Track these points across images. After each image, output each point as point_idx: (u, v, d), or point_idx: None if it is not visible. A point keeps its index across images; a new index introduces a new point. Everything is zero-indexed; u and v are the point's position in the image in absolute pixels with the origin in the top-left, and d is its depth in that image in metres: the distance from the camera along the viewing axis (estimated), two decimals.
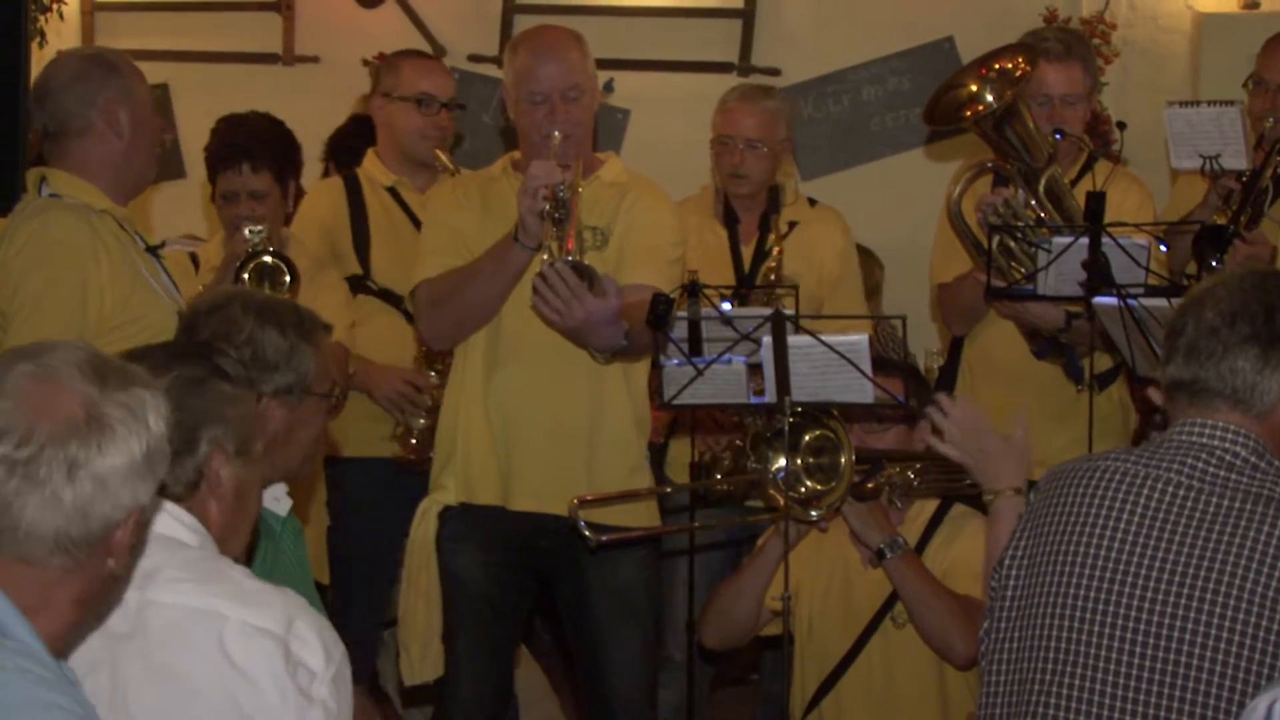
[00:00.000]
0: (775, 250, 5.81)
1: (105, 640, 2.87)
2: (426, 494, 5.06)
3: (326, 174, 6.66)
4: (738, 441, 5.74)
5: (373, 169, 6.03)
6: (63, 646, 2.60)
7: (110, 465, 2.53)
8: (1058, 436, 5.40)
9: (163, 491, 2.78)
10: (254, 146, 5.61)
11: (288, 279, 5.25)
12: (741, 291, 5.66)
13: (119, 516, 2.55)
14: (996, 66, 5.35)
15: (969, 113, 5.34)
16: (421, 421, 5.76)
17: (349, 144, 6.51)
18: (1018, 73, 5.31)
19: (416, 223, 5.85)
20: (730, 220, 5.96)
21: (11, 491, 2.48)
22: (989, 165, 5.44)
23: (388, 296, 5.86)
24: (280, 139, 5.70)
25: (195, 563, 2.98)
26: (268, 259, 5.27)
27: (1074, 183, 5.46)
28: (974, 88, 5.34)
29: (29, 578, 2.51)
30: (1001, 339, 5.57)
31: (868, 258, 6.79)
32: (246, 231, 5.30)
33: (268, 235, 5.34)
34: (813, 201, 6.16)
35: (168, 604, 2.90)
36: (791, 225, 5.94)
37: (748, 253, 5.91)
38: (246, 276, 5.25)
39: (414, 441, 5.78)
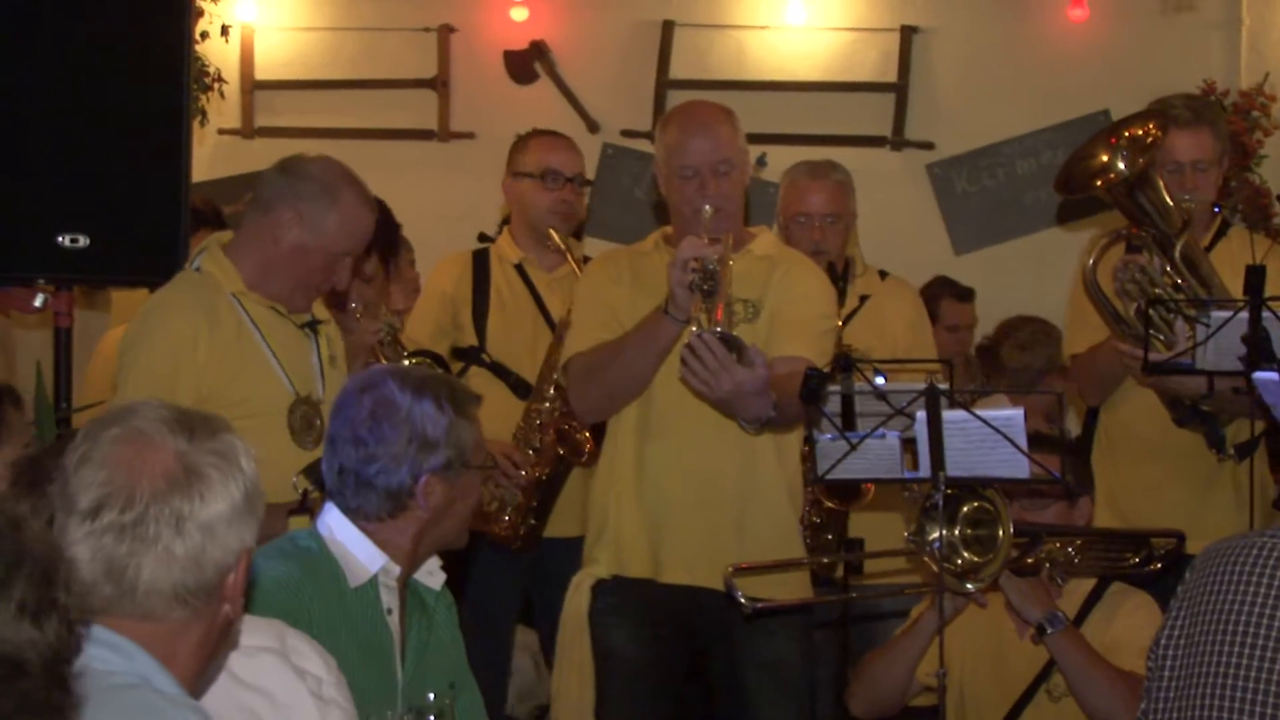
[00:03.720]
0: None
1: None
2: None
3: None
4: None
5: (504, 245, 6.11)
6: (191, 695, 2.65)
7: (215, 513, 2.59)
8: (1205, 508, 5.38)
9: None
10: None
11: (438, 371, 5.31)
12: None
13: (230, 561, 2.62)
14: (1126, 134, 5.33)
15: (1100, 182, 5.31)
16: (518, 498, 5.80)
17: None
18: (1149, 139, 5.29)
19: (539, 301, 5.96)
20: None
21: (125, 554, 2.54)
22: (1122, 233, 5.40)
23: (498, 370, 5.91)
24: (385, 222, 5.74)
25: None
26: (407, 362, 5.36)
27: (1209, 248, 5.42)
28: (1105, 158, 5.32)
29: (154, 633, 2.57)
30: (1141, 410, 5.51)
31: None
32: (378, 326, 5.41)
33: (393, 329, 5.47)
34: (883, 274, 6.12)
35: None
36: (863, 299, 5.90)
37: None
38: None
39: (506, 518, 5.80)
